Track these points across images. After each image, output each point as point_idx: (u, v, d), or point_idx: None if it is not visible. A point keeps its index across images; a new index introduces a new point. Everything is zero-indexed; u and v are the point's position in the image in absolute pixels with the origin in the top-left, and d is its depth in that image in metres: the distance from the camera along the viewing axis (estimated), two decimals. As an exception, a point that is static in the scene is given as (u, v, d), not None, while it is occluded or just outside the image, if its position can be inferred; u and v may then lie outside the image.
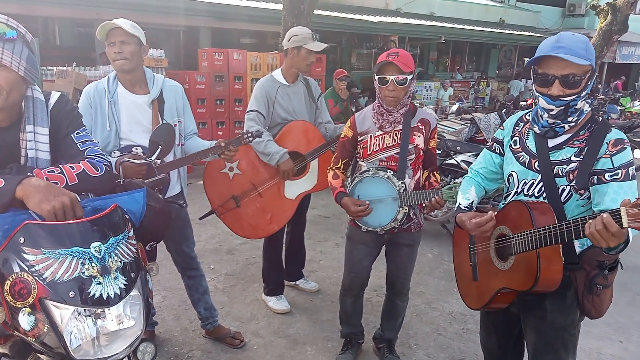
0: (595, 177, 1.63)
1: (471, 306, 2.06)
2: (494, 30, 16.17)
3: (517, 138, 1.86)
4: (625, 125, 8.19)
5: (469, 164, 4.67)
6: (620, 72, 19.95)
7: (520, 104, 11.18)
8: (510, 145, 1.89)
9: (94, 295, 1.22)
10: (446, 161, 5.01)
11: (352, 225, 2.59)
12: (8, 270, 1.19)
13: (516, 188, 1.84)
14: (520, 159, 1.83)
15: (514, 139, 1.88)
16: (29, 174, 1.38)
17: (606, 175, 1.61)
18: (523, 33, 16.79)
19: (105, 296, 1.23)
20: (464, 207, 1.95)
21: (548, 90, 1.63)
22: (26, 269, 1.19)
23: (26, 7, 8.25)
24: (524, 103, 11.53)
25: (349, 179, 2.55)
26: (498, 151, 1.96)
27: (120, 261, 1.30)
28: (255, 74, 8.00)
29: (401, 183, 2.35)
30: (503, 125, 1.96)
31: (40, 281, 1.18)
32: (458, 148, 5.24)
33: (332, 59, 13.88)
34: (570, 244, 1.66)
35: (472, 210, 1.95)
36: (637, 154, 8.10)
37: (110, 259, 1.27)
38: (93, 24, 9.84)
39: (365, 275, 2.68)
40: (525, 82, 17.35)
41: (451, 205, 4.69)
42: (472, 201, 1.96)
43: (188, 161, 2.52)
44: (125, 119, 2.42)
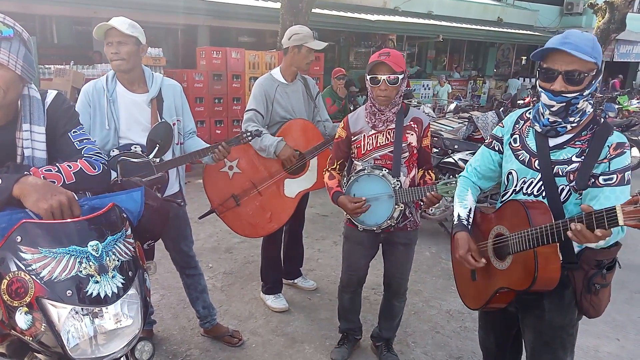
0: (592, 180, 1.63)
1: (470, 306, 2.06)
2: (492, 28, 16.19)
3: (517, 136, 1.85)
4: (622, 124, 8.20)
5: (466, 162, 4.67)
6: (617, 71, 19.99)
7: (517, 102, 11.20)
8: (509, 143, 1.87)
9: (92, 294, 1.22)
10: (444, 159, 5.02)
11: (349, 225, 2.60)
12: (5, 269, 1.19)
13: (515, 186, 1.83)
14: (519, 157, 1.81)
15: (514, 136, 1.86)
16: (26, 173, 1.37)
17: (601, 179, 1.61)
18: (521, 32, 16.82)
19: (102, 295, 1.23)
20: (464, 220, 1.92)
21: (551, 85, 1.62)
22: (23, 267, 1.18)
23: (23, 6, 8.22)
24: (522, 102, 11.55)
25: (344, 179, 2.55)
26: (497, 149, 1.93)
27: (117, 260, 1.29)
28: (254, 72, 8.00)
29: (396, 181, 2.36)
30: (502, 123, 1.94)
31: (38, 280, 1.18)
32: (456, 146, 5.25)
33: (331, 58, 13.88)
34: (569, 243, 1.66)
35: (471, 218, 1.94)
36: (635, 152, 8.13)
37: (107, 258, 1.27)
38: (91, 22, 9.82)
39: (362, 273, 2.72)
40: (523, 81, 17.38)
41: (449, 204, 4.72)
42: (470, 208, 1.96)
43: (186, 160, 2.52)
44: (124, 118, 2.41)
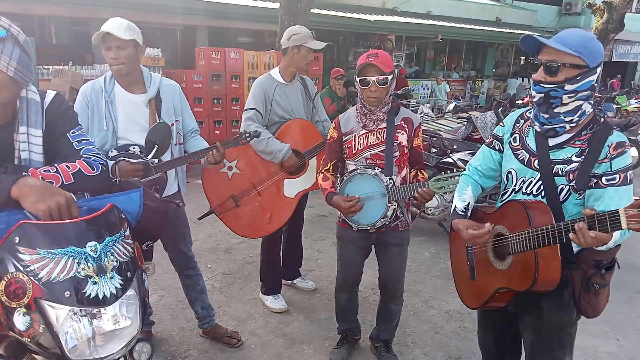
0: (593, 180, 1.63)
1: (469, 305, 2.06)
2: (491, 29, 16.21)
3: (517, 135, 1.85)
4: (621, 124, 8.21)
5: (465, 162, 4.67)
6: (616, 71, 20.01)
7: (516, 102, 11.21)
8: (509, 142, 1.88)
9: (90, 295, 1.21)
10: (443, 160, 5.02)
11: (342, 225, 2.60)
12: (3, 270, 1.19)
13: (514, 186, 1.83)
14: (519, 157, 1.81)
15: (514, 136, 1.86)
16: (24, 174, 1.37)
17: (603, 180, 1.60)
18: (520, 32, 16.82)
19: (101, 296, 1.23)
20: (460, 211, 1.94)
21: (535, 75, 1.71)
22: (21, 268, 1.18)
23: (22, 6, 8.20)
24: (521, 101, 11.56)
25: (338, 180, 2.56)
26: (497, 148, 1.94)
27: (116, 261, 1.29)
28: (253, 72, 7.99)
29: (389, 179, 2.38)
30: (503, 122, 1.94)
31: (36, 281, 1.18)
32: (455, 147, 5.25)
33: (329, 58, 13.87)
34: (568, 243, 1.66)
35: (469, 211, 1.94)
36: (634, 152, 8.14)
37: (106, 259, 1.26)
38: (89, 22, 9.82)
39: (357, 272, 2.72)
40: (522, 81, 17.38)
41: (448, 204, 4.72)
42: (469, 202, 1.95)
43: (184, 161, 2.52)
44: (122, 118, 2.40)
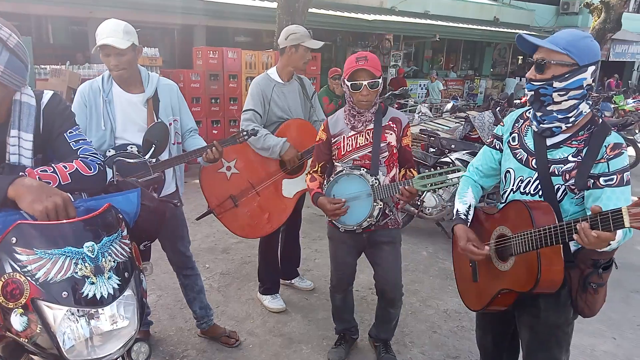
0: (591, 181, 1.64)
1: (471, 307, 2.06)
2: (489, 28, 16.23)
3: (516, 135, 1.86)
4: (618, 123, 8.24)
5: (463, 162, 4.68)
6: (613, 70, 20.06)
7: (514, 101, 11.22)
8: (508, 142, 1.89)
9: (88, 295, 1.21)
10: (441, 159, 5.02)
11: (331, 225, 2.59)
12: (0, 270, 1.19)
13: (512, 185, 1.84)
14: (517, 156, 1.83)
15: (513, 135, 1.88)
16: (21, 174, 1.36)
17: (601, 180, 1.61)
18: (517, 31, 16.73)
19: (98, 296, 1.23)
20: (462, 215, 1.95)
21: (527, 73, 1.75)
22: (18, 269, 1.18)
23: (19, 6, 8.18)
24: (518, 101, 11.56)
25: (325, 181, 2.55)
26: (498, 147, 1.95)
27: (113, 261, 1.29)
28: (250, 72, 7.99)
29: (374, 179, 2.37)
30: (503, 121, 1.96)
31: (33, 281, 1.18)
32: (452, 146, 5.26)
33: (327, 58, 13.88)
34: (565, 242, 1.67)
35: (470, 214, 1.95)
36: (631, 151, 8.15)
37: (103, 259, 1.26)
38: (87, 22, 9.79)
39: (350, 272, 2.71)
40: (520, 80, 17.41)
41: (445, 204, 4.73)
42: (470, 204, 1.97)
43: (182, 160, 2.51)
44: (120, 118, 2.40)
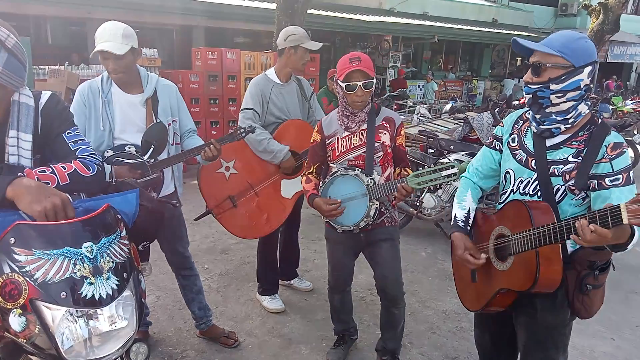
0: (595, 182, 1.63)
1: (469, 308, 2.05)
2: (487, 29, 16.28)
3: (516, 135, 1.87)
4: (617, 124, 8.25)
5: (461, 162, 4.68)
6: (611, 72, 20.11)
7: (513, 103, 11.23)
8: (508, 143, 1.89)
9: (86, 295, 1.21)
10: (440, 160, 5.03)
11: (328, 226, 2.59)
12: (-2, 271, 1.18)
13: (512, 186, 1.84)
14: (517, 157, 1.83)
15: (512, 136, 1.88)
16: (19, 174, 1.36)
17: (607, 180, 1.61)
18: (516, 32, 16.88)
19: (97, 297, 1.23)
20: (461, 221, 1.94)
21: (524, 77, 1.76)
22: (17, 269, 1.18)
23: (17, 6, 8.17)
24: (517, 102, 11.58)
25: (321, 183, 2.55)
26: (498, 148, 1.95)
27: (112, 261, 1.29)
28: (249, 73, 7.98)
29: (369, 179, 2.37)
30: (503, 122, 1.96)
31: (32, 282, 1.17)
32: (451, 147, 5.26)
33: (326, 59, 13.88)
34: (564, 241, 1.67)
35: (470, 219, 1.95)
36: (630, 152, 8.17)
37: (102, 259, 1.26)
38: (85, 22, 9.78)
39: (348, 273, 2.71)
40: (518, 82, 17.44)
41: (444, 204, 4.73)
42: (469, 209, 1.96)
43: (180, 159, 2.51)
44: (119, 118, 2.40)
